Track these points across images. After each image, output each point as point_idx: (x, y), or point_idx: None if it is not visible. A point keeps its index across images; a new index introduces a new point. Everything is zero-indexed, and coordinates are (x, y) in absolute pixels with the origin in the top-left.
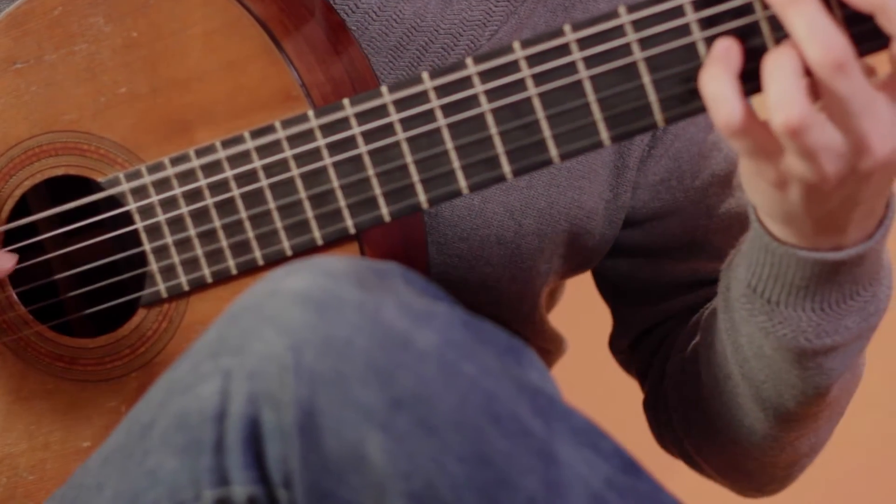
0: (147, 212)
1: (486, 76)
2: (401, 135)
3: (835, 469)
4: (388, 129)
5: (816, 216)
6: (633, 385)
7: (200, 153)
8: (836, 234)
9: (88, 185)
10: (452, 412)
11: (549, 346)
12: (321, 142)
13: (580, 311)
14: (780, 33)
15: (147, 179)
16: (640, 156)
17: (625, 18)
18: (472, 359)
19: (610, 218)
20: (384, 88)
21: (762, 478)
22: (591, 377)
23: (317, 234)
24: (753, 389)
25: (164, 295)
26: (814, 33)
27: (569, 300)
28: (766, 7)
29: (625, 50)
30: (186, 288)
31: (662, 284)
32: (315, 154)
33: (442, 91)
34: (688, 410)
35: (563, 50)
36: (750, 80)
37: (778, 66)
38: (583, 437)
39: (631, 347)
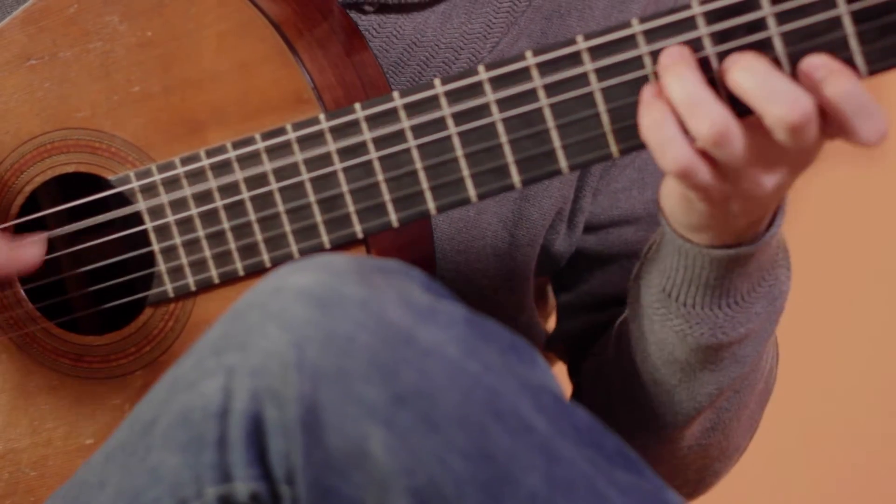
0: (156, 212)
1: (497, 84)
2: (411, 141)
3: (836, 470)
4: (398, 135)
5: (725, 219)
6: None
7: (211, 153)
8: (745, 230)
9: (99, 183)
10: (455, 409)
11: (546, 353)
12: (332, 146)
13: None
14: (794, 48)
15: (157, 178)
16: (605, 164)
17: (636, 28)
18: (475, 356)
19: (571, 220)
20: (395, 93)
21: (673, 481)
22: None
23: (325, 239)
24: (664, 394)
25: (171, 295)
26: (694, 104)
27: None
28: (781, 23)
29: (636, 62)
30: (193, 288)
31: (608, 296)
32: (325, 158)
33: (453, 98)
34: (604, 410)
35: (575, 59)
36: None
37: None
38: (585, 435)
39: (569, 349)
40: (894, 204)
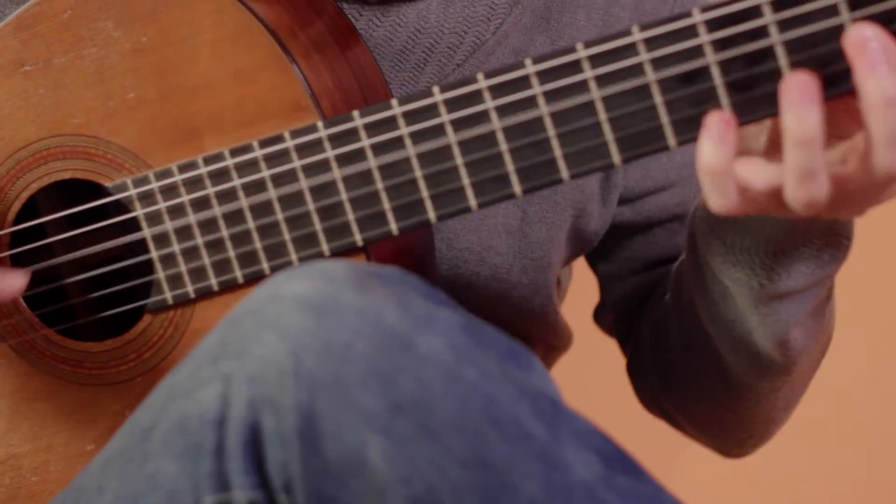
0: (154, 219)
1: (496, 91)
2: (410, 149)
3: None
4: (397, 143)
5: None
6: (629, 386)
7: (209, 161)
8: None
9: (97, 190)
10: (453, 416)
11: (557, 343)
12: (330, 153)
13: (582, 310)
14: (796, 57)
15: (154, 185)
16: None
17: (637, 36)
18: (473, 363)
19: (605, 199)
20: (394, 101)
21: (740, 433)
22: (591, 377)
23: (325, 248)
24: (724, 330)
25: (171, 302)
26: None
27: (572, 297)
28: (781, 31)
29: (637, 70)
30: (193, 296)
31: (654, 258)
32: (324, 165)
33: (452, 105)
34: (663, 367)
35: (575, 67)
36: (765, 106)
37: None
38: (584, 440)
39: (619, 315)
40: (894, 204)
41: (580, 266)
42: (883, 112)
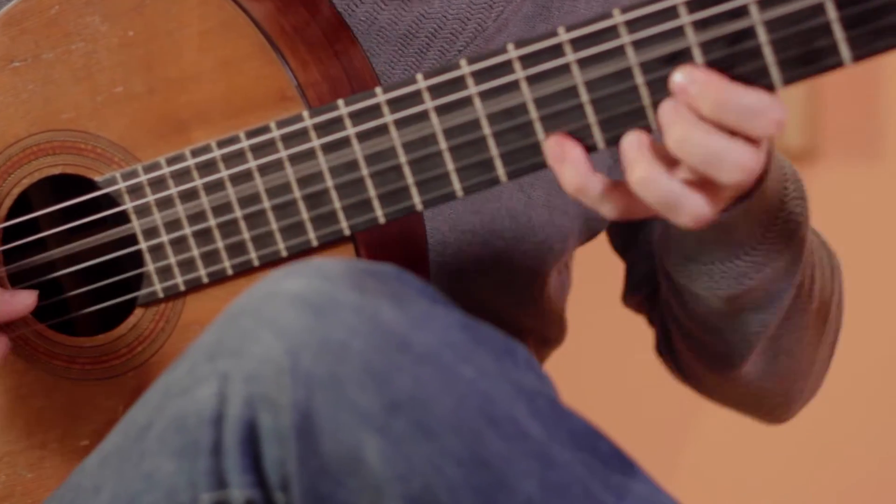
0: (143, 211)
1: (479, 77)
2: (395, 136)
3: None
4: (382, 130)
5: None
6: (630, 384)
7: (196, 153)
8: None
9: (87, 185)
10: (450, 415)
11: (549, 334)
12: (315, 142)
13: (577, 309)
14: (777, 34)
15: (143, 179)
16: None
17: (619, 19)
18: (469, 361)
19: None
20: (378, 89)
21: (760, 410)
22: (590, 375)
23: (312, 236)
24: (719, 336)
25: (161, 295)
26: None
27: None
28: (762, 10)
29: (619, 52)
30: (183, 288)
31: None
32: (310, 154)
33: (435, 92)
34: (691, 350)
35: (557, 51)
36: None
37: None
38: (580, 440)
39: (648, 296)
40: (894, 204)
41: (579, 264)
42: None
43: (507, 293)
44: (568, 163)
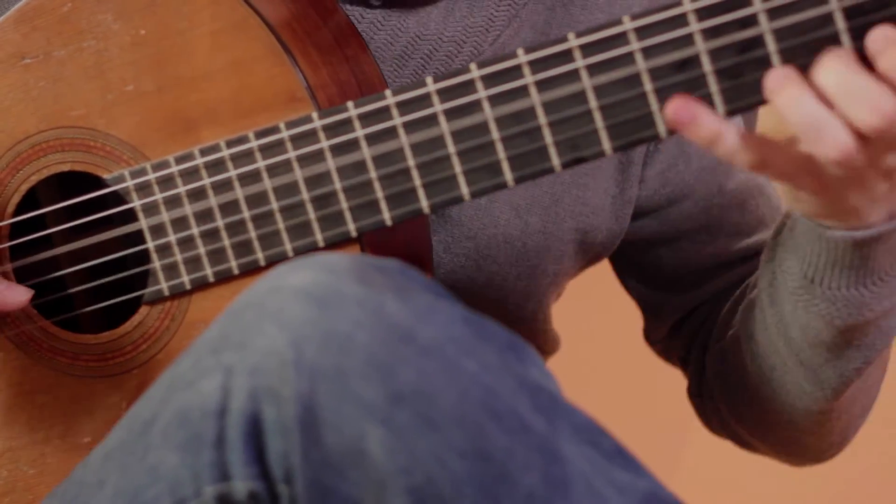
0: (151, 209)
1: (489, 81)
2: (403, 138)
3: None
4: (391, 132)
5: (860, 203)
6: (629, 383)
7: (205, 152)
8: (881, 207)
9: (96, 182)
10: (453, 408)
11: (545, 347)
12: (324, 143)
13: (576, 309)
14: (786, 43)
15: (151, 177)
16: (646, 150)
17: (628, 25)
18: (473, 355)
19: (616, 213)
20: (388, 91)
21: (820, 446)
22: (589, 375)
23: (319, 237)
24: (811, 373)
25: (167, 293)
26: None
27: (565, 298)
28: (771, 19)
29: (628, 58)
30: (189, 287)
31: (688, 272)
32: (318, 156)
33: (445, 95)
34: (734, 398)
35: (567, 57)
36: (753, 94)
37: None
38: (583, 434)
39: (668, 337)
40: None
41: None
42: None
43: (501, 312)
44: (698, 120)
